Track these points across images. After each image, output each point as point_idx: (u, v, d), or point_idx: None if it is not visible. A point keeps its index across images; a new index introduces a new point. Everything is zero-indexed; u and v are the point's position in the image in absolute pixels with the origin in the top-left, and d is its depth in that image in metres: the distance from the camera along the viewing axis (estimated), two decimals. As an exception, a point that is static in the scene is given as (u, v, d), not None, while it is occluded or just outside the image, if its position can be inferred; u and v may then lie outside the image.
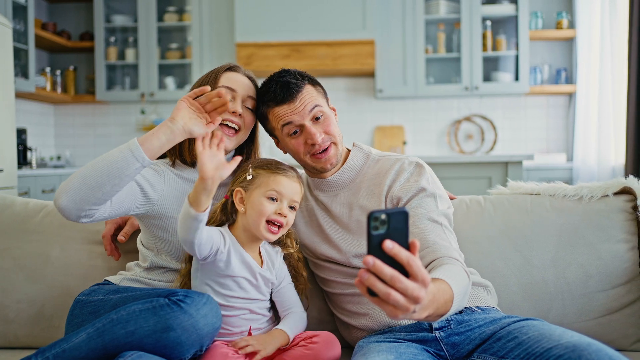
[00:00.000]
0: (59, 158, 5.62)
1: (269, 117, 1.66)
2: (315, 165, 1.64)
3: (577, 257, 1.80)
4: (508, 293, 1.79)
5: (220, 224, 1.57)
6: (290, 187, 1.53)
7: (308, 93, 1.62)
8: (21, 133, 4.74)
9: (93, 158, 5.84)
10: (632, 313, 1.77)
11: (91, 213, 1.45)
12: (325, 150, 1.62)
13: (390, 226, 0.93)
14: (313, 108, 1.61)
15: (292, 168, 1.58)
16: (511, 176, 3.93)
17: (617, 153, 4.84)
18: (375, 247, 0.92)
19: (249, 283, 1.53)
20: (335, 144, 1.64)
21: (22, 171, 4.20)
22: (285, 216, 1.52)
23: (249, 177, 1.52)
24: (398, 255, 0.93)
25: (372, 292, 0.94)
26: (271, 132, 1.70)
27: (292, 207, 1.55)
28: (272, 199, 1.51)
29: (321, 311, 1.81)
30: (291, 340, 1.52)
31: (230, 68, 1.70)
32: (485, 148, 5.58)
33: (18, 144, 4.63)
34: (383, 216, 0.92)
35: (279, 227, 1.52)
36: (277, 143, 1.72)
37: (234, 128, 1.64)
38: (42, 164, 5.28)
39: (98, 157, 1.46)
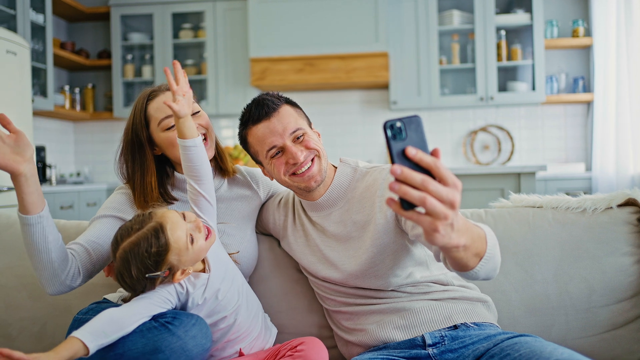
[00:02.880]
0: (78, 174, 5.71)
1: (248, 140, 1.64)
2: (299, 184, 1.61)
3: (580, 271, 1.76)
4: (509, 308, 1.76)
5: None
6: (177, 223, 1.41)
7: (286, 112, 1.60)
8: (40, 150, 4.83)
9: (112, 174, 5.95)
10: (638, 328, 1.72)
11: (71, 275, 1.55)
12: (309, 167, 1.59)
13: (408, 134, 0.91)
14: (295, 130, 1.58)
15: (142, 214, 1.45)
16: (524, 187, 3.88)
17: (635, 162, 4.76)
18: (398, 157, 0.91)
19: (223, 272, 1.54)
20: (318, 157, 1.61)
21: (41, 188, 4.25)
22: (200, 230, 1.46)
23: (164, 273, 1.40)
24: (423, 160, 0.90)
25: (405, 206, 0.90)
26: (255, 157, 1.67)
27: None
28: (192, 242, 1.42)
29: (322, 328, 1.81)
30: None
31: (151, 95, 1.69)
32: (502, 159, 5.52)
33: (37, 162, 4.71)
34: (398, 124, 0.92)
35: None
36: (263, 170, 1.69)
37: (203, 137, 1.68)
38: (61, 181, 5.36)
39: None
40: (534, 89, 5.16)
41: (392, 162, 0.90)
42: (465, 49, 5.42)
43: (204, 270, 1.51)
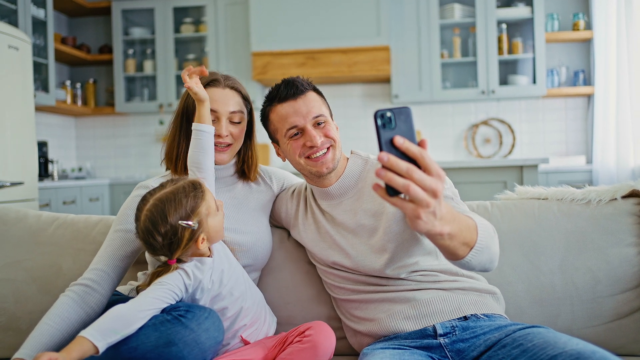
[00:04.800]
0: (80, 169, 5.71)
1: (270, 117, 1.67)
2: (311, 168, 1.64)
3: (585, 261, 1.78)
4: (516, 299, 1.78)
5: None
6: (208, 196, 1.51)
7: (313, 98, 1.64)
8: (42, 146, 4.83)
9: (114, 169, 5.96)
10: (643, 318, 1.74)
11: (97, 310, 1.53)
12: (324, 153, 1.63)
13: (397, 124, 0.95)
14: (318, 116, 1.62)
15: (181, 178, 1.53)
16: (526, 180, 3.90)
17: (636, 154, 4.77)
18: (386, 145, 0.95)
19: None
20: (333, 147, 1.64)
21: (43, 183, 4.27)
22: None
23: (195, 226, 1.43)
24: (410, 150, 0.94)
25: (390, 192, 0.95)
26: (272, 135, 1.71)
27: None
28: (217, 209, 1.52)
29: (330, 319, 1.81)
30: None
31: (211, 82, 1.70)
32: (503, 152, 5.54)
33: (39, 157, 4.71)
34: (388, 114, 0.95)
35: None
36: (277, 149, 1.73)
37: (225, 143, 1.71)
38: (63, 176, 5.37)
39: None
40: (534, 82, 5.18)
41: (380, 150, 0.94)
42: (467, 42, 5.43)
43: (209, 256, 1.53)
